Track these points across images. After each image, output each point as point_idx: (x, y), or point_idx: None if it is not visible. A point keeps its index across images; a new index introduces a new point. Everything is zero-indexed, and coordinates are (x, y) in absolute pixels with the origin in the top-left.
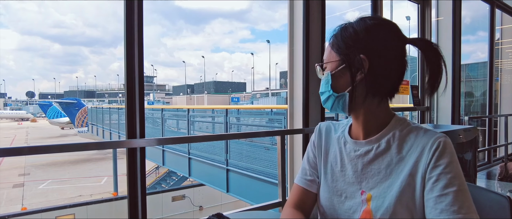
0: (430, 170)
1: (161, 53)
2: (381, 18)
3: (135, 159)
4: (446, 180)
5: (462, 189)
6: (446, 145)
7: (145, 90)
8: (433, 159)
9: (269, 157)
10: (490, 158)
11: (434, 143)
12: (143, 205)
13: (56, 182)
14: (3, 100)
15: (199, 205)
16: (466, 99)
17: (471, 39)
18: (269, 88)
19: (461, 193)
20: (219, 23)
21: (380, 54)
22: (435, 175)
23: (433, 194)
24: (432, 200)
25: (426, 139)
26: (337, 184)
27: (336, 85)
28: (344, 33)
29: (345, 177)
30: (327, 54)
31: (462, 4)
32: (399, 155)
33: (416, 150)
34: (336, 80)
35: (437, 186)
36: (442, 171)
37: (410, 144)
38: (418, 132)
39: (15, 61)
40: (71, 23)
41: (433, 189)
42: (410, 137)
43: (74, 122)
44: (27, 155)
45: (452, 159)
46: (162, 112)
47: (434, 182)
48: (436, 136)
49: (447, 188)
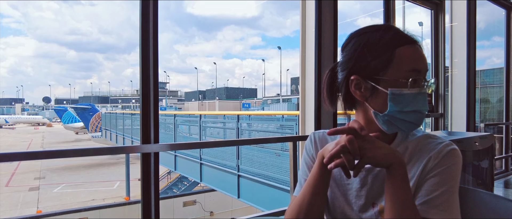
0: (430, 170)
1: (174, 59)
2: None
3: (149, 163)
4: (438, 179)
5: (451, 191)
6: (452, 152)
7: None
8: (436, 162)
9: (280, 163)
10: (508, 166)
11: (442, 150)
12: (156, 209)
13: (70, 185)
14: (21, 106)
15: (210, 210)
16: (481, 106)
17: (486, 44)
18: (280, 94)
19: (448, 193)
20: (231, 30)
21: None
22: (431, 174)
23: (423, 188)
24: (421, 192)
25: (433, 147)
26: (346, 198)
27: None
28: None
29: (353, 189)
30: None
31: (477, 9)
32: (408, 164)
33: (424, 158)
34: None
35: (429, 182)
36: (439, 171)
37: (419, 153)
38: (426, 141)
39: (33, 67)
40: (87, 30)
41: (425, 184)
42: (418, 146)
43: (88, 127)
44: (43, 159)
45: (453, 165)
46: (174, 117)
47: (428, 179)
48: (444, 144)
49: (436, 185)
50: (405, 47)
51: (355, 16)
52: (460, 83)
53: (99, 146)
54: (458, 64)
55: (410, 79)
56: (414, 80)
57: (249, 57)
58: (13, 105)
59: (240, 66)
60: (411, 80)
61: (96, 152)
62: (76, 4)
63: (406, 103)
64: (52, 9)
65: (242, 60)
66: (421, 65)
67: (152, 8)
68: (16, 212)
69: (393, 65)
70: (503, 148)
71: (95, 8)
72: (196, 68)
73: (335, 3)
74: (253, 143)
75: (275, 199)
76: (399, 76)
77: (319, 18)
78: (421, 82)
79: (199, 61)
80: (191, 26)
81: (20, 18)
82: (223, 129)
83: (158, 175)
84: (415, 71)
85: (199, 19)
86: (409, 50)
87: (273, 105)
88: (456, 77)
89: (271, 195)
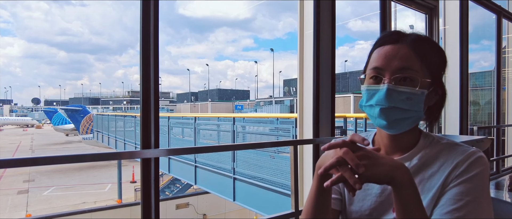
0: (455, 178)
1: (166, 61)
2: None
3: (149, 169)
4: (463, 188)
5: (477, 202)
6: (479, 160)
7: None
8: (461, 170)
9: (276, 165)
10: (499, 168)
11: (469, 158)
12: (156, 213)
13: (61, 188)
14: (9, 107)
15: (203, 213)
16: (471, 108)
17: (474, 47)
18: (272, 96)
19: (474, 204)
20: (223, 32)
21: (442, 82)
22: (456, 182)
23: (446, 196)
24: (443, 200)
25: (460, 154)
26: (364, 204)
27: (423, 107)
28: (435, 52)
29: (373, 195)
30: (412, 63)
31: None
32: (431, 170)
33: (450, 164)
34: (426, 101)
35: (453, 191)
36: (464, 179)
37: (443, 160)
38: (452, 147)
39: (21, 68)
40: (77, 31)
41: (448, 192)
42: (442, 152)
43: (79, 129)
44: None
45: (479, 173)
46: (168, 120)
47: (452, 187)
48: (470, 151)
49: (462, 195)
50: (378, 49)
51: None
52: (453, 86)
53: (98, 152)
54: (450, 67)
55: (371, 77)
56: (375, 77)
57: (242, 59)
58: (1, 107)
59: (232, 67)
60: (372, 77)
61: (94, 158)
62: (67, 4)
63: (366, 99)
64: (41, 9)
65: (235, 62)
66: (381, 63)
67: (153, 11)
68: (3, 216)
69: (367, 66)
70: (494, 150)
71: (86, 9)
72: (188, 69)
73: (333, 3)
74: (253, 147)
75: (270, 201)
76: (366, 75)
77: (317, 18)
78: (382, 79)
79: (191, 62)
80: (183, 28)
81: (8, 18)
82: (218, 132)
83: (159, 180)
84: (376, 69)
85: (191, 21)
86: (378, 51)
87: (266, 107)
88: (449, 80)
89: (266, 198)
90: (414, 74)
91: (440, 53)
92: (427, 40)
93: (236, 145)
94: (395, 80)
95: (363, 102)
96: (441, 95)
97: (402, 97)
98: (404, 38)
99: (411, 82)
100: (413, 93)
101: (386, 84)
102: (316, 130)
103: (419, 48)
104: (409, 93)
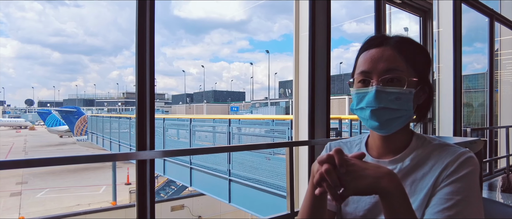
0: (445, 178)
1: (161, 62)
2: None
3: (144, 170)
4: (454, 188)
5: (468, 201)
6: (469, 160)
7: None
8: (451, 170)
9: (271, 167)
10: (492, 169)
11: (459, 158)
12: (152, 215)
13: (55, 190)
14: (2, 108)
15: (198, 215)
16: (464, 110)
17: (466, 50)
18: (268, 97)
19: (464, 203)
20: (218, 33)
21: (429, 80)
22: (446, 182)
23: (437, 196)
24: (434, 200)
25: (450, 154)
26: (358, 205)
27: (412, 106)
28: (418, 52)
29: (367, 197)
30: (398, 64)
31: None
32: (423, 171)
33: (441, 165)
34: (414, 100)
35: (444, 191)
36: (454, 179)
37: (434, 160)
38: (443, 148)
39: (14, 69)
40: (72, 31)
41: (439, 192)
42: (434, 153)
43: (73, 130)
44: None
45: (470, 173)
46: (163, 121)
47: (443, 187)
48: (460, 151)
49: (452, 194)
50: (364, 54)
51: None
52: (447, 88)
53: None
54: (444, 69)
55: (359, 81)
56: (363, 81)
57: (237, 61)
58: None
59: (228, 69)
60: (360, 81)
61: (88, 160)
62: (61, 4)
63: (356, 102)
64: (35, 10)
65: (230, 63)
66: (367, 66)
67: (149, 11)
68: None
69: (354, 71)
70: (487, 151)
71: (80, 10)
72: (183, 71)
73: (328, 5)
74: (249, 148)
75: (266, 202)
76: (355, 79)
77: (313, 20)
78: (370, 82)
79: (186, 64)
80: (179, 29)
81: (1, 19)
82: (214, 133)
83: (154, 182)
84: (363, 73)
85: (187, 22)
86: (364, 55)
87: (261, 109)
88: (443, 82)
89: (262, 199)
90: (401, 74)
91: (423, 52)
92: (410, 41)
93: (232, 147)
94: (382, 81)
95: (353, 106)
96: (428, 94)
97: (391, 97)
98: (387, 40)
99: (399, 82)
100: (401, 92)
101: (375, 86)
102: (311, 131)
103: (403, 49)
104: (397, 93)
